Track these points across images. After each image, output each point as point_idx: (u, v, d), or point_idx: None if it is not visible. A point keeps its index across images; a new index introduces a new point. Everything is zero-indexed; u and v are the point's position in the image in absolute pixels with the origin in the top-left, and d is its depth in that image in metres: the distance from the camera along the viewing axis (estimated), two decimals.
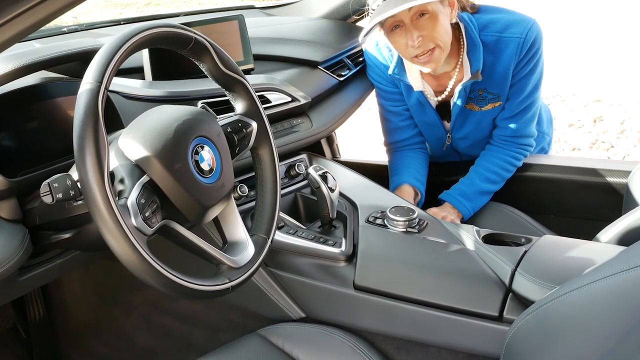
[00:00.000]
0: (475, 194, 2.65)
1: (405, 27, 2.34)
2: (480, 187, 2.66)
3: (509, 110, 2.63)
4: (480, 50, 2.47)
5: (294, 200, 2.39)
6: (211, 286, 1.46)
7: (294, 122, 2.41)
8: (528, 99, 2.58)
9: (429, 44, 2.35)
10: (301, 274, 2.07)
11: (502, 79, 2.53)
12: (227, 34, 2.32)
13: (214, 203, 1.55)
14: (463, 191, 2.66)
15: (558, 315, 1.27)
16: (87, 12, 11.78)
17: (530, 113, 2.64)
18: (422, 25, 2.32)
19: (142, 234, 1.35)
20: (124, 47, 1.39)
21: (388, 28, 2.39)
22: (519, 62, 2.49)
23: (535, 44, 2.47)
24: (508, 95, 2.59)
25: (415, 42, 2.32)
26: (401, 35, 2.36)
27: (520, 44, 2.45)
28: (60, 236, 1.60)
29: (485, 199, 2.69)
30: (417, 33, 2.32)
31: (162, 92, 2.03)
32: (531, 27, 2.45)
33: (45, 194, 1.33)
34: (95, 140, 1.27)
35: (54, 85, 1.80)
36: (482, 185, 2.66)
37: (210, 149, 1.54)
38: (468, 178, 2.70)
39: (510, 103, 2.60)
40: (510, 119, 2.64)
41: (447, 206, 2.64)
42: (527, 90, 2.56)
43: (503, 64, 2.50)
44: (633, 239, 1.93)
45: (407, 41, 2.35)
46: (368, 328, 2.01)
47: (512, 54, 2.46)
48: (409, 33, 2.33)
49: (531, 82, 2.55)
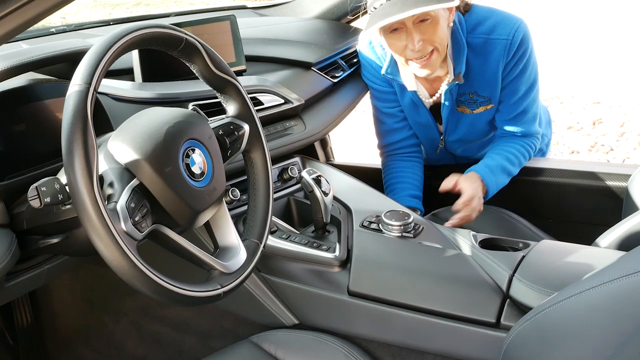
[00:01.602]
0: (499, 170, 2.62)
1: (406, 30, 2.34)
2: (502, 164, 2.63)
3: (505, 113, 2.63)
4: (464, 52, 2.48)
5: (287, 205, 2.39)
6: (202, 292, 1.46)
7: (287, 125, 2.40)
8: (523, 101, 2.59)
9: (427, 48, 2.35)
10: (294, 279, 2.07)
11: (491, 81, 2.54)
12: (218, 34, 2.32)
13: (205, 207, 1.55)
14: (488, 164, 2.63)
15: (556, 322, 1.27)
16: (75, 12, 11.79)
17: (529, 114, 2.64)
18: (424, 30, 2.32)
19: (132, 238, 1.35)
20: (113, 48, 1.39)
21: (387, 29, 2.38)
22: (507, 64, 2.50)
23: (522, 44, 2.47)
24: (501, 98, 2.59)
25: (417, 46, 2.32)
26: (400, 37, 2.36)
27: (508, 45, 2.45)
28: (49, 241, 1.60)
29: (505, 179, 2.65)
30: (419, 37, 2.32)
31: (152, 93, 2.03)
32: (518, 28, 2.45)
33: (33, 198, 1.33)
34: (84, 143, 1.27)
35: (42, 87, 1.80)
36: (504, 162, 2.63)
37: (201, 152, 1.54)
38: (489, 156, 2.68)
39: (505, 106, 2.61)
40: (509, 121, 2.65)
41: (475, 177, 2.59)
42: (520, 92, 2.56)
43: (491, 67, 2.50)
44: (633, 244, 1.94)
45: (406, 44, 2.35)
46: (362, 335, 2.01)
47: (499, 55, 2.47)
48: (410, 37, 2.33)
49: (523, 83, 2.55)
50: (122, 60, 1.63)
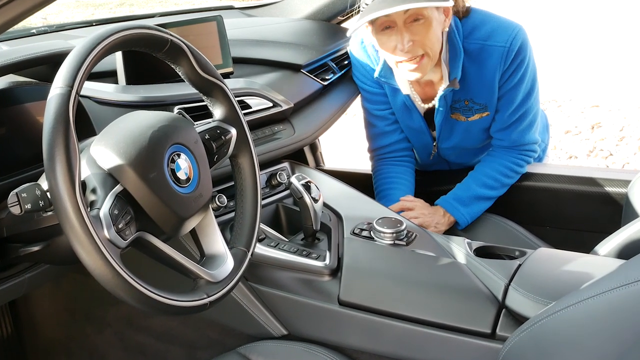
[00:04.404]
0: (471, 199, 2.65)
1: (397, 29, 2.34)
2: (477, 192, 2.66)
3: (500, 122, 2.64)
4: (460, 57, 2.47)
5: (276, 211, 2.38)
6: (188, 302, 1.46)
7: (276, 129, 2.40)
8: (520, 109, 2.59)
9: (418, 50, 2.35)
10: (283, 288, 2.07)
11: (487, 89, 2.54)
12: (204, 35, 2.32)
13: (191, 214, 1.55)
14: (458, 195, 2.66)
15: (554, 333, 1.27)
16: (57, 12, 11.78)
17: (525, 122, 2.63)
18: (415, 30, 2.33)
19: (115, 246, 1.35)
20: (96, 49, 1.38)
21: (378, 27, 2.39)
22: (504, 72, 2.50)
23: (520, 52, 2.47)
24: (497, 107, 2.60)
25: (406, 46, 2.32)
26: (391, 36, 2.37)
27: (505, 53, 2.45)
28: (29, 249, 1.59)
29: (483, 205, 2.68)
30: (409, 37, 2.32)
31: (136, 97, 2.03)
32: (516, 35, 2.45)
33: (13, 205, 1.33)
34: (66, 147, 1.27)
35: (22, 90, 1.80)
36: (479, 190, 2.66)
37: (187, 157, 1.54)
38: (464, 183, 2.71)
39: (501, 115, 2.61)
40: (504, 130, 2.65)
41: (438, 210, 2.64)
42: (518, 101, 2.57)
43: (488, 74, 2.50)
44: (633, 251, 1.94)
45: (396, 44, 2.36)
46: (353, 346, 2.01)
47: (496, 63, 2.47)
48: (400, 36, 2.33)
49: (521, 92, 2.55)
50: (106, 62, 1.62)
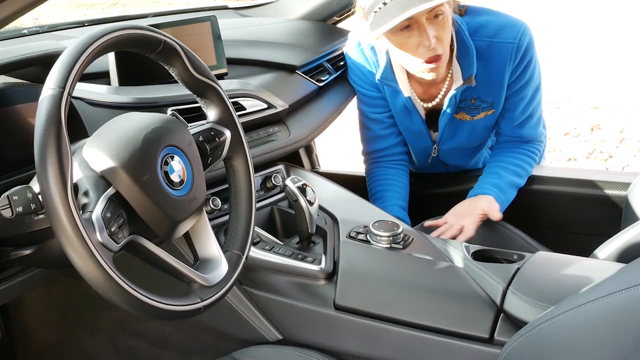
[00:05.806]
0: (507, 187, 2.62)
1: (418, 27, 2.28)
2: (510, 179, 2.64)
3: (512, 120, 2.65)
4: (473, 54, 2.46)
5: (271, 214, 2.38)
6: (182, 306, 1.46)
7: (271, 131, 2.40)
8: (530, 105, 2.61)
9: (440, 48, 2.32)
10: (278, 292, 2.07)
11: (496, 86, 2.54)
12: (198, 36, 2.32)
13: (185, 217, 1.55)
14: (495, 184, 2.62)
15: (553, 337, 1.27)
16: (49, 12, 11.78)
17: (535, 117, 2.67)
18: (437, 26, 2.29)
19: (108, 250, 1.35)
20: (88, 50, 1.38)
21: (396, 28, 2.28)
22: (514, 70, 2.50)
23: (529, 49, 2.48)
24: (507, 105, 2.61)
25: (432, 42, 2.27)
26: (411, 36, 2.31)
27: (514, 49, 2.45)
28: (21, 252, 1.59)
29: (513, 194, 2.66)
30: (434, 32, 2.28)
31: (129, 98, 2.03)
32: (524, 32, 2.46)
33: (4, 208, 1.33)
34: (58, 149, 1.27)
35: (13, 91, 1.79)
36: (512, 177, 2.64)
37: (180, 159, 1.54)
38: (493, 173, 2.67)
39: (513, 113, 2.63)
40: (516, 127, 2.67)
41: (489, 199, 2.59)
42: (528, 98, 2.59)
43: (497, 71, 2.50)
44: (633, 255, 1.94)
45: (419, 42, 2.30)
46: (349, 351, 2.01)
47: (505, 60, 2.47)
48: (424, 33, 2.27)
49: (531, 89, 2.57)
50: (98, 63, 1.62)
